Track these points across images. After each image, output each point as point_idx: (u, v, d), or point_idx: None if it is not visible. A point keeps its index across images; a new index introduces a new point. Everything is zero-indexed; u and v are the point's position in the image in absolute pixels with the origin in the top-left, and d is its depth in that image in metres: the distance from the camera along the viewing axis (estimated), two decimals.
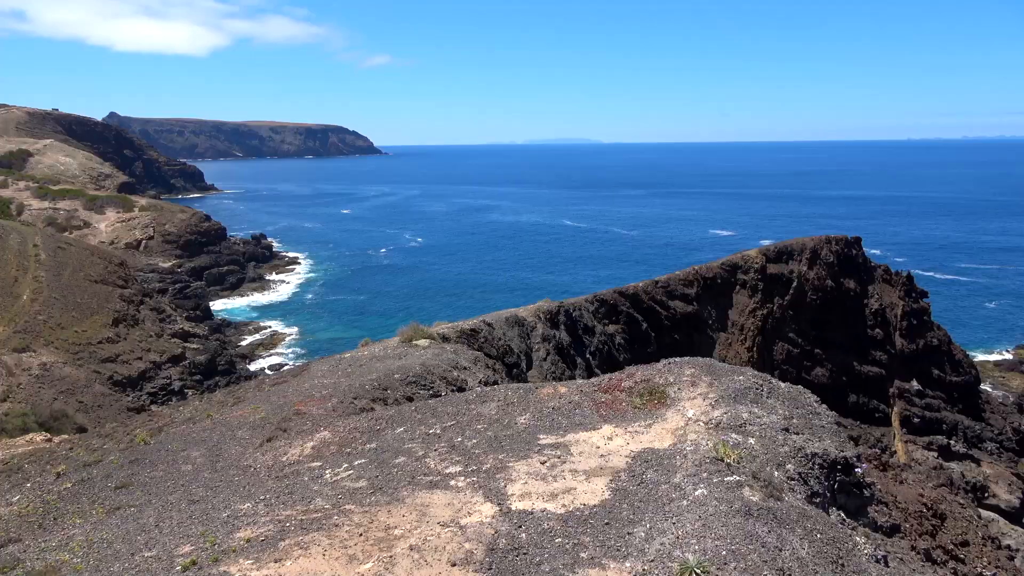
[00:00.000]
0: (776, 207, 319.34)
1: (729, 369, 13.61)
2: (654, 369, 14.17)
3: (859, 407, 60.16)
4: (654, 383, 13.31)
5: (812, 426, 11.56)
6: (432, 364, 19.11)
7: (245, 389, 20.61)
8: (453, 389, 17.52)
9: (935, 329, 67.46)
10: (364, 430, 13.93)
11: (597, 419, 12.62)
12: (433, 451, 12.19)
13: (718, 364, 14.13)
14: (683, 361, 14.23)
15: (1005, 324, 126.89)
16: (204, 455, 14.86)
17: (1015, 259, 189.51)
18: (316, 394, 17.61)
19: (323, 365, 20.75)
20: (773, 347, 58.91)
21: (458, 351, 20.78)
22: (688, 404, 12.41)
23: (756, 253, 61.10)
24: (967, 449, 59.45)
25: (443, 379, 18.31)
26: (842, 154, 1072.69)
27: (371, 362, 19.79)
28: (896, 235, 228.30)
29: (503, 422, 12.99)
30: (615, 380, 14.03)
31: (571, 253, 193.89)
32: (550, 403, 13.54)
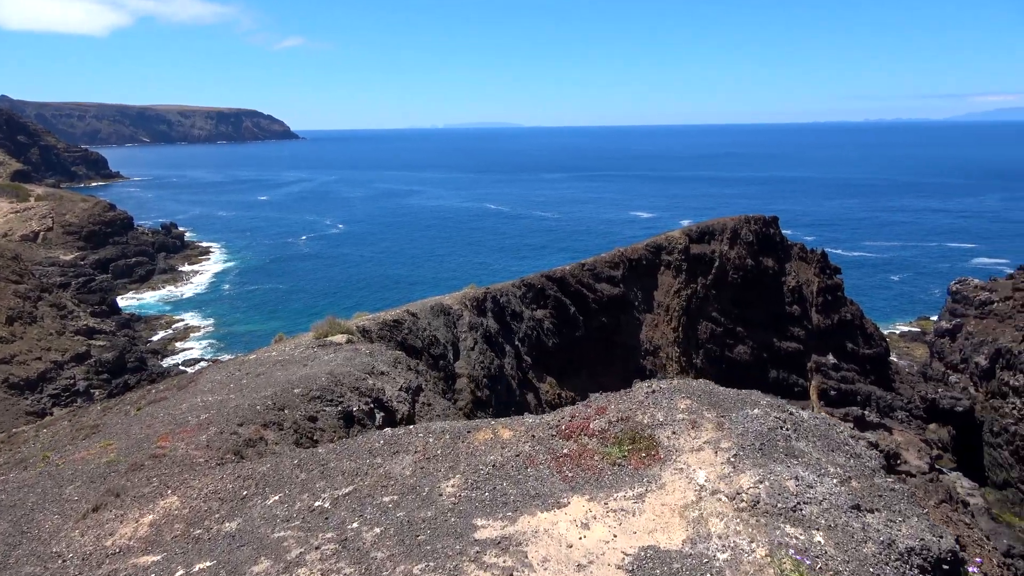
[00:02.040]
0: (694, 188, 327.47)
1: (735, 397, 10.21)
2: (632, 400, 10.49)
3: (779, 382, 61.85)
4: (636, 423, 9.79)
5: (878, 489, 8.31)
6: (342, 372, 16.23)
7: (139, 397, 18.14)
8: (368, 403, 15.17)
9: (848, 304, 70.01)
10: (226, 496, 10.29)
11: (560, 486, 8.96)
12: (313, 550, 8.33)
13: (719, 391, 10.64)
14: (671, 388, 10.67)
15: (909, 297, 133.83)
16: (6, 530, 10.84)
17: (916, 235, 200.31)
18: (192, 419, 14.31)
19: (217, 374, 17.81)
20: (697, 326, 59.74)
21: (374, 352, 18.19)
22: (693, 459, 8.92)
23: (679, 234, 61.68)
24: (880, 418, 62.01)
25: (355, 390, 15.41)
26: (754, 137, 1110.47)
27: (272, 370, 16.90)
28: (807, 214, 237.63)
29: (421, 492, 9.26)
30: (580, 419, 10.40)
31: (496, 237, 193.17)
32: (489, 456, 9.83)
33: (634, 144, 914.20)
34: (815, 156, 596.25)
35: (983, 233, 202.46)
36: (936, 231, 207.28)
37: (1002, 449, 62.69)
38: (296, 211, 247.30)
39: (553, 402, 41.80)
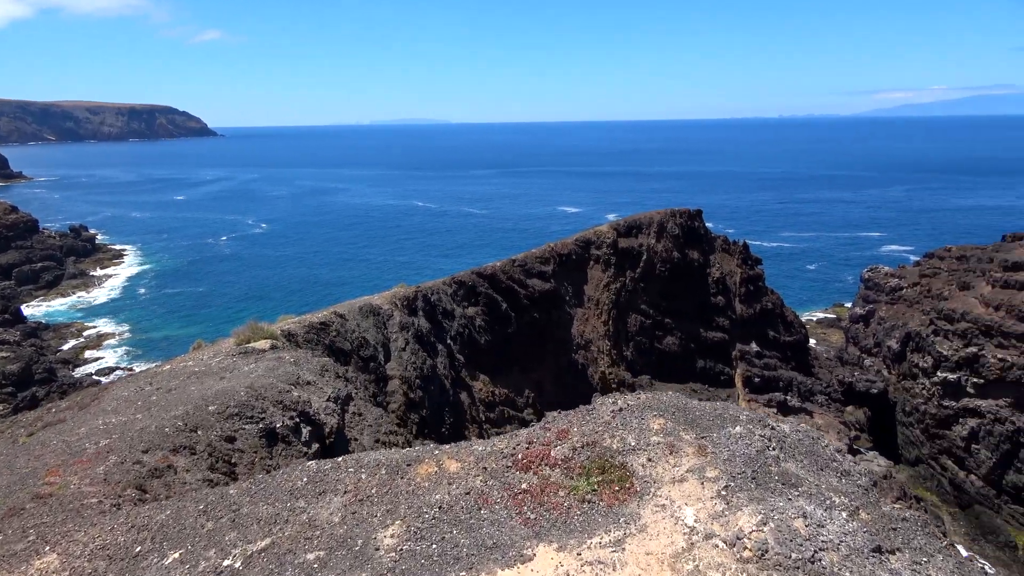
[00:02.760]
0: (619, 183, 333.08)
1: (712, 414, 9.02)
2: (597, 420, 9.09)
3: (706, 371, 63.37)
4: (604, 448, 8.44)
5: (890, 520, 7.46)
6: (264, 384, 14.60)
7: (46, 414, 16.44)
8: (293, 417, 13.75)
9: (769, 293, 72.34)
10: (116, 553, 8.43)
11: (522, 531, 7.53)
12: None
13: (693, 405, 9.38)
14: (640, 405, 9.30)
15: (824, 285, 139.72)
16: None
17: (829, 225, 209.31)
18: (90, 447, 12.24)
19: (124, 389, 15.77)
20: (627, 319, 60.51)
21: (299, 360, 16.90)
22: (676, 493, 7.64)
23: (607, 228, 62.30)
24: (801, 403, 64.38)
25: (278, 404, 13.84)
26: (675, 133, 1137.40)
27: (186, 383, 15.17)
28: (729, 207, 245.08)
29: (352, 545, 7.68)
30: (538, 446, 8.88)
31: (425, 235, 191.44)
32: (434, 495, 8.28)
33: (561, 140, 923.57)
34: (734, 151, 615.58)
35: (890, 222, 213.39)
36: (847, 221, 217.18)
37: (913, 428, 66.08)
38: (216, 211, 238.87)
39: (487, 400, 41.51)
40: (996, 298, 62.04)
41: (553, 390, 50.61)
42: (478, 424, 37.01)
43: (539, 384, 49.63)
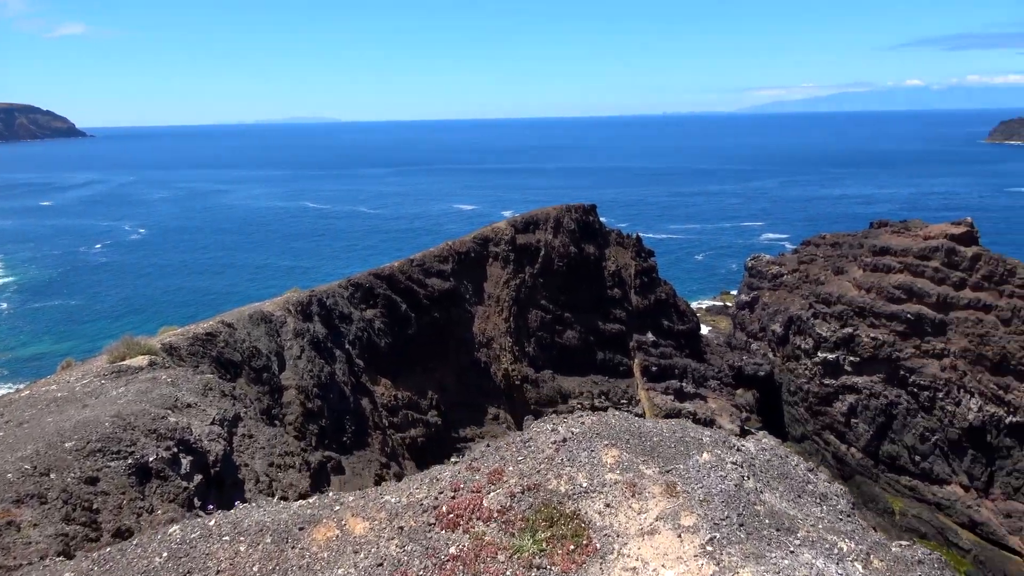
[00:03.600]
0: (514, 180, 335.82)
1: (671, 437, 7.75)
2: (537, 455, 7.50)
3: (606, 363, 64.61)
4: (550, 493, 6.84)
5: (907, 565, 6.31)
6: (134, 410, 12.34)
7: None
8: (170, 448, 11.68)
9: (662, 284, 74.65)
10: None
11: None
12: None
13: (646, 427, 8.17)
14: (586, 432, 7.74)
15: (711, 273, 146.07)
16: None
17: (713, 217, 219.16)
18: None
19: None
20: (527, 315, 60.76)
21: (178, 379, 14.93)
22: (648, 550, 6.13)
23: (505, 225, 62.31)
24: (696, 388, 66.83)
25: (152, 433, 11.71)
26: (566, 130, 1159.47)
27: (42, 414, 12.74)
28: (620, 201, 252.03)
29: None
30: (467, 493, 7.11)
31: (318, 237, 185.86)
32: (336, 571, 6.55)
33: (455, 137, 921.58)
34: (623, 147, 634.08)
35: (768, 212, 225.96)
36: (730, 212, 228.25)
37: (798, 406, 69.98)
38: (88, 216, 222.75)
39: (389, 404, 40.44)
40: (867, 281, 66.54)
41: (456, 389, 50.04)
42: (381, 430, 35.95)
43: (442, 384, 48.92)
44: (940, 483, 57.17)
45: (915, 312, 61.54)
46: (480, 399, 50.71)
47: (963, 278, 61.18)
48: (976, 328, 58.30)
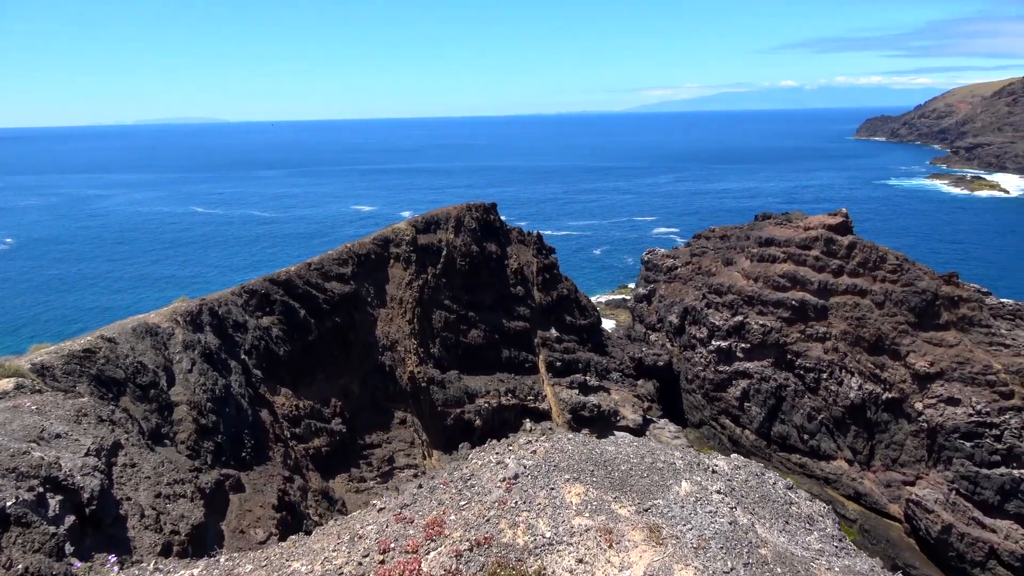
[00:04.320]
0: (411, 180, 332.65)
1: (637, 459, 6.55)
2: (481, 495, 6.17)
3: (512, 360, 64.86)
4: (505, 546, 5.43)
5: None
6: None
7: None
8: (33, 488, 9.89)
9: (564, 280, 75.66)
10: None
11: None
12: None
13: (607, 450, 7.05)
14: (538, 463, 6.41)
15: (609, 268, 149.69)
16: None
17: (609, 213, 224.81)
18: None
19: None
20: (432, 316, 60.09)
21: (45, 406, 13.01)
22: None
23: (406, 225, 61.35)
24: (599, 381, 68.18)
25: (11, 472, 9.88)
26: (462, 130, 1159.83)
27: None
28: (520, 200, 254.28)
29: None
30: (399, 555, 5.50)
31: (209, 244, 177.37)
32: None
33: (350, 138, 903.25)
34: (519, 146, 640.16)
35: (659, 207, 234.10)
36: (624, 208, 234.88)
37: (695, 393, 72.68)
38: None
39: (291, 414, 38.92)
40: (754, 271, 69.88)
41: (361, 395, 48.85)
42: (283, 442, 34.51)
43: (346, 390, 47.61)
44: (827, 459, 60.83)
45: (799, 299, 65.15)
46: (386, 403, 49.73)
47: (841, 265, 65.30)
48: (854, 312, 62.38)
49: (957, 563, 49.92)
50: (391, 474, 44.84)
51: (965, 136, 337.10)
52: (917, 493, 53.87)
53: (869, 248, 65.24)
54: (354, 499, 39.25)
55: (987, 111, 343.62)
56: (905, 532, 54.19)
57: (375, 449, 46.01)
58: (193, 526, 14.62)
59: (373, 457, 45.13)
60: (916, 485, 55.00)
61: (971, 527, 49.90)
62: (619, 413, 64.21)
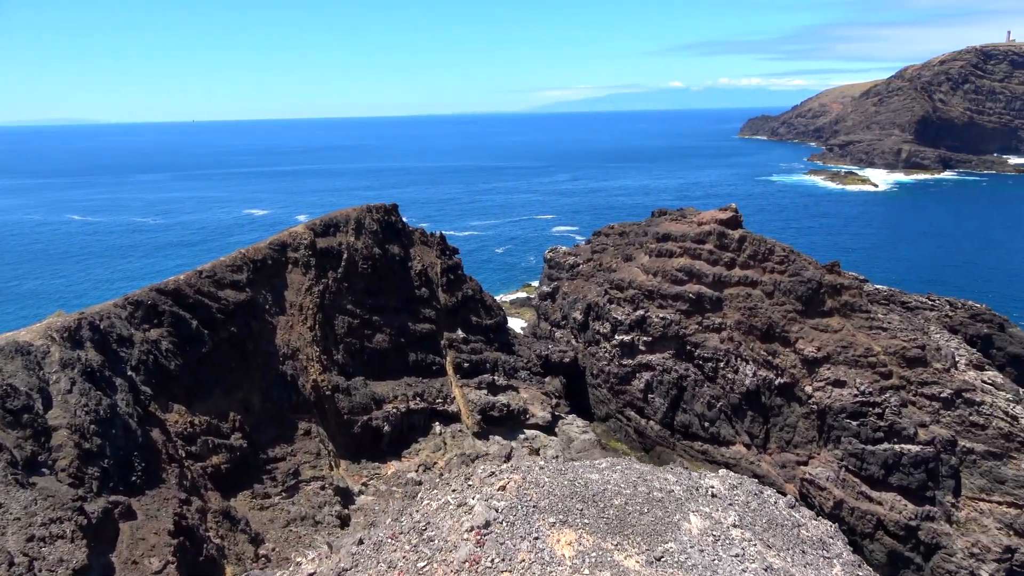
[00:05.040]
0: (305, 182, 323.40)
1: (630, 490, 5.48)
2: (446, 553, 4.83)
3: (419, 363, 63.84)
4: None
5: None
6: None
7: None
8: None
9: (468, 281, 75.21)
10: None
11: None
12: None
13: (591, 479, 5.88)
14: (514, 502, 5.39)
15: (513, 267, 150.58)
16: None
17: (509, 212, 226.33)
18: None
19: None
20: (334, 321, 58.25)
21: None
22: None
23: (303, 229, 59.20)
24: (507, 381, 68.20)
25: None
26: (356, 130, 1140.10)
27: None
28: (421, 200, 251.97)
29: None
30: None
31: (85, 252, 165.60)
32: None
33: (238, 139, 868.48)
34: (417, 147, 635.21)
35: (558, 206, 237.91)
36: (523, 207, 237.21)
37: (601, 388, 73.99)
38: None
39: (186, 432, 36.61)
40: (653, 266, 71.84)
41: (262, 407, 46.71)
42: (178, 463, 32.36)
43: (246, 403, 45.38)
44: (727, 444, 63.28)
45: (695, 292, 67.46)
46: (289, 414, 47.76)
47: (733, 258, 68.09)
48: (746, 302, 65.18)
49: (849, 536, 52.89)
50: (297, 488, 43.08)
51: (838, 134, 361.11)
52: (810, 472, 56.92)
53: (758, 241, 68.35)
54: (258, 516, 37.44)
55: (856, 111, 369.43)
56: None
57: (279, 463, 44.08)
58: (74, 570, 13.09)
59: (277, 471, 43.20)
60: (809, 464, 58.09)
61: (860, 501, 53.20)
62: (528, 411, 64.44)
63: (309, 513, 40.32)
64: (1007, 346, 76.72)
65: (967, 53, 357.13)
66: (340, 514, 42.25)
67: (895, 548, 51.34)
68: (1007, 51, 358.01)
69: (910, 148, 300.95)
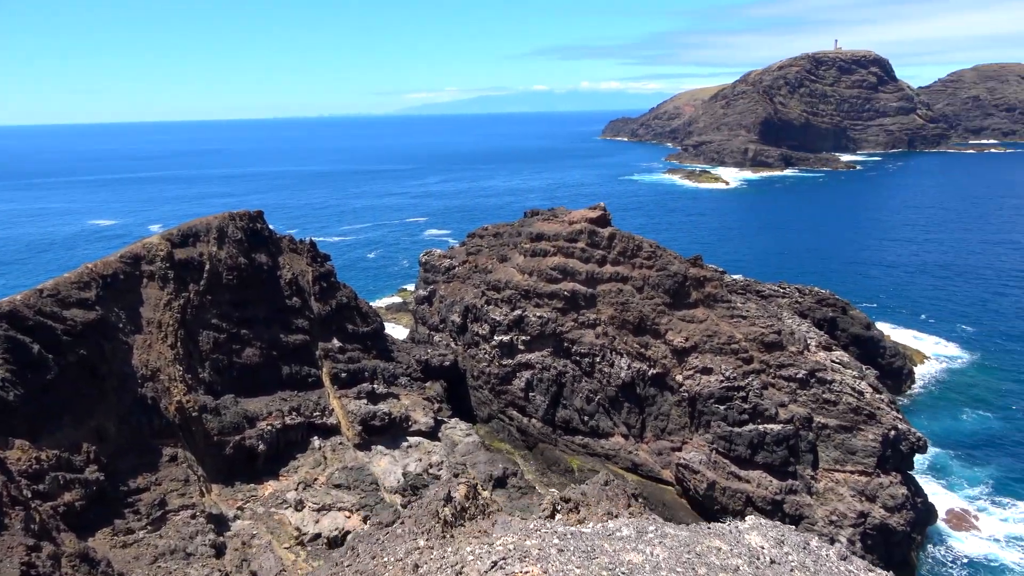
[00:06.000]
0: (159, 190, 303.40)
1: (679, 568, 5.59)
2: None
3: (293, 377, 61.19)
4: None
5: None
6: None
7: None
8: None
9: (342, 288, 72.95)
10: None
11: None
12: None
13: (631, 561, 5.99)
14: None
15: (387, 271, 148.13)
16: None
17: (381, 215, 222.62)
18: None
19: None
20: (198, 337, 54.67)
21: None
22: None
23: (159, 240, 55.12)
24: (387, 388, 66.78)
25: None
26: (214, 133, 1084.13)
27: None
28: (287, 206, 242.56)
29: None
30: None
31: None
32: None
33: (81, 145, 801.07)
34: (281, 150, 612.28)
35: (430, 208, 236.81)
36: (395, 210, 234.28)
37: (482, 389, 74.14)
38: None
39: (30, 470, 32.99)
40: (528, 266, 72.82)
41: (120, 435, 43.01)
42: (22, 504, 29.07)
43: (100, 432, 41.62)
44: (606, 436, 65.20)
45: (570, 289, 69.03)
46: (151, 440, 44.30)
47: (604, 256, 70.26)
48: (618, 297, 67.45)
49: (721, 514, 56.08)
50: (164, 519, 40.02)
51: (691, 135, 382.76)
52: (684, 457, 59.68)
53: (627, 238, 70.91)
54: (122, 555, 34.42)
55: (707, 113, 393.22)
56: (678, 494, 59.83)
57: (142, 494, 40.77)
58: None
59: (140, 503, 39.93)
60: (683, 450, 60.91)
61: (730, 480, 56.38)
62: (411, 418, 63.44)
63: (180, 545, 37.52)
64: (849, 327, 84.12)
65: (801, 59, 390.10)
66: (215, 543, 39.65)
67: None
68: (835, 58, 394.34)
69: (756, 147, 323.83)
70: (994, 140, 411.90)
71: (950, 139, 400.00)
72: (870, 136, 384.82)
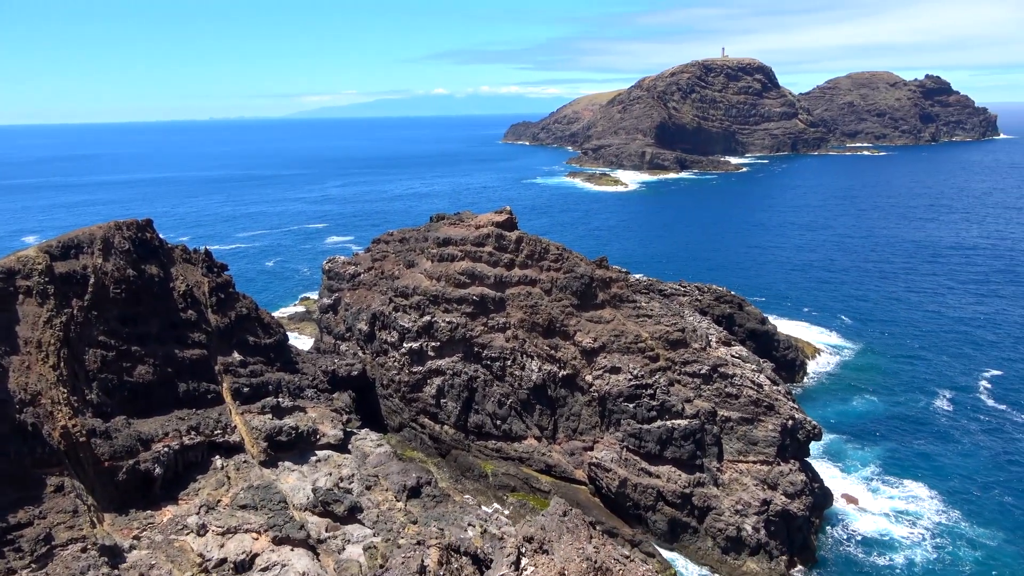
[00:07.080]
0: (30, 199, 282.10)
1: None
2: None
3: (191, 394, 57.88)
4: None
5: None
6: None
7: None
8: None
9: (241, 299, 69.83)
10: None
11: None
12: None
13: None
14: None
15: (288, 280, 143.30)
16: None
17: (280, 222, 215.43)
18: None
19: None
20: (84, 357, 50.80)
21: None
22: None
23: (36, 252, 50.84)
24: (293, 401, 64.36)
25: None
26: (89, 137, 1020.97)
27: None
28: (178, 214, 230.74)
29: None
30: None
31: None
32: None
33: None
34: (167, 156, 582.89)
35: (330, 214, 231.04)
36: (293, 216, 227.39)
37: (393, 397, 72.82)
38: None
39: None
40: (436, 271, 72.13)
41: None
42: None
43: None
44: (519, 439, 65.33)
45: (479, 294, 68.84)
46: (34, 470, 40.77)
47: (512, 259, 70.49)
48: (527, 300, 67.80)
49: (634, 510, 57.34)
50: (50, 555, 36.92)
51: (591, 139, 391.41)
52: (596, 456, 60.61)
53: (534, 241, 71.45)
54: None
55: (605, 117, 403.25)
56: (591, 492, 60.64)
57: (24, 529, 37.46)
58: None
59: (22, 540, 36.65)
60: (595, 449, 61.83)
61: (641, 477, 57.66)
62: (318, 431, 61.41)
63: None
64: (746, 323, 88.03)
65: (692, 66, 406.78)
66: None
67: (674, 516, 56.34)
68: (723, 65, 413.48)
69: (652, 151, 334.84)
70: (867, 144, 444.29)
71: (829, 142, 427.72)
72: (757, 140, 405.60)
